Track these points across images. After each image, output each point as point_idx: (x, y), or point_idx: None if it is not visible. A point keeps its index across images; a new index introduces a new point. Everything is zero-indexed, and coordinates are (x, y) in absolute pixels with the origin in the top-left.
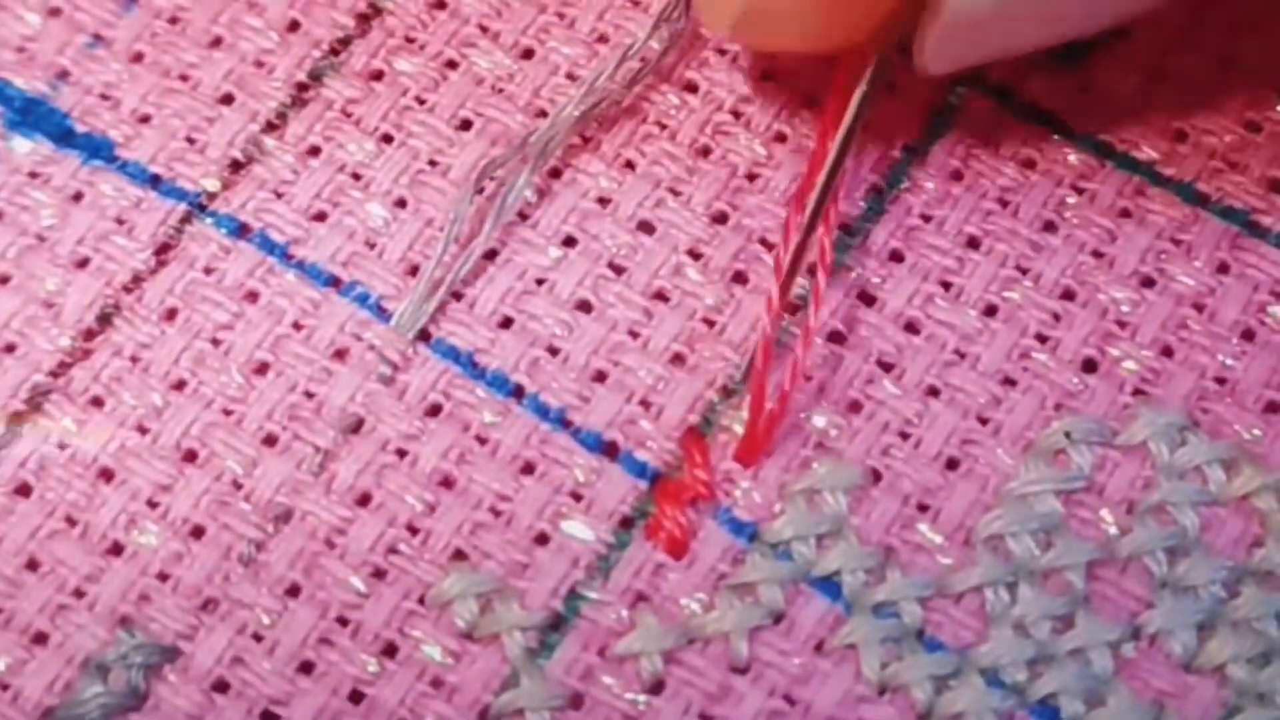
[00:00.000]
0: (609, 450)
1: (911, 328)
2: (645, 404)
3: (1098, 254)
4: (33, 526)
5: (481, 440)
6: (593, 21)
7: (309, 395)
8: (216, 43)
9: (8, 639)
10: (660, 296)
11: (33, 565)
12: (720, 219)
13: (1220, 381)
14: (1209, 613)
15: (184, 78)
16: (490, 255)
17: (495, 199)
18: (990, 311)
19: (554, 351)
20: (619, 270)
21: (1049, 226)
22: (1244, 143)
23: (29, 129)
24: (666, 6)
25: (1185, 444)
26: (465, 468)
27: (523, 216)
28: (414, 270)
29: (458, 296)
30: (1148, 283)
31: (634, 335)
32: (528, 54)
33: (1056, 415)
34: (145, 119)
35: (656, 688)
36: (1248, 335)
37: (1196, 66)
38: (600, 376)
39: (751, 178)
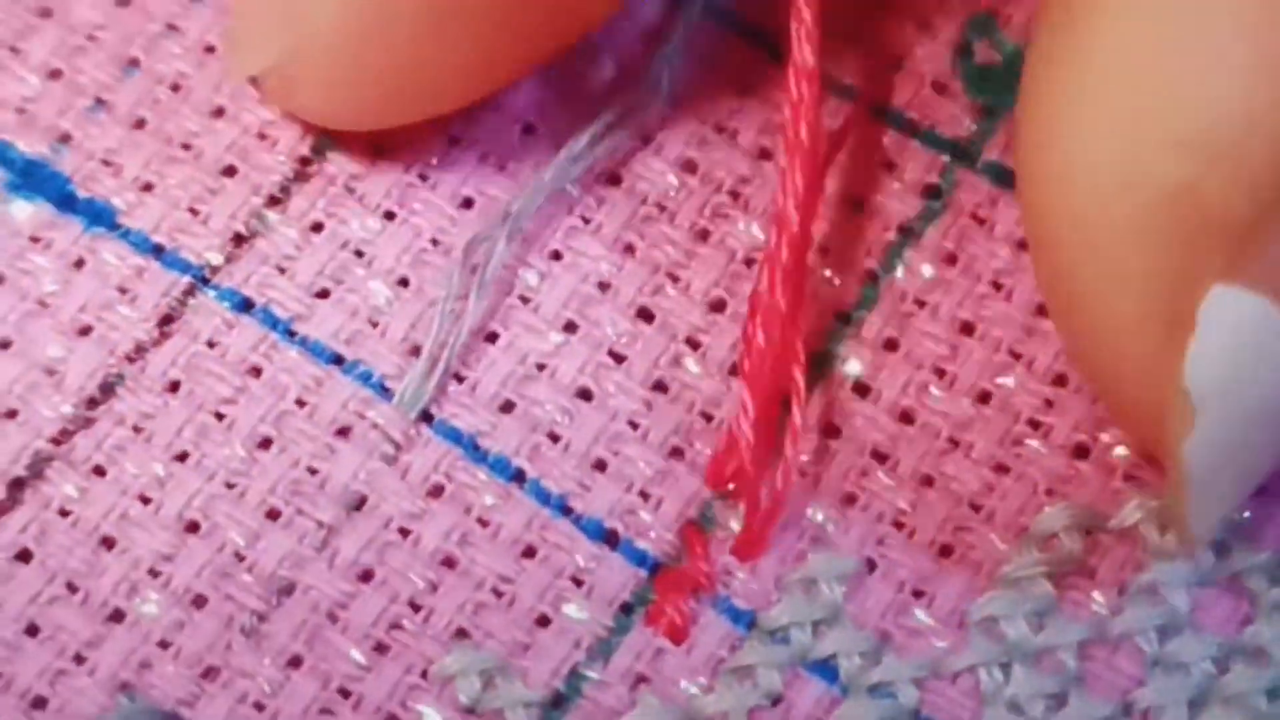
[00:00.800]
0: (609, 539)
1: (906, 417)
2: (645, 495)
3: None
4: (33, 592)
5: (483, 523)
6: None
7: (312, 471)
8: (219, 113)
9: (7, 704)
10: (659, 387)
11: (32, 631)
12: (719, 307)
13: None
14: (1200, 689)
15: (186, 146)
16: (492, 338)
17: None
18: (984, 398)
19: (555, 438)
20: (619, 359)
21: (1042, 310)
22: None
23: (30, 192)
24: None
25: None
26: (467, 549)
27: (524, 300)
28: (416, 350)
29: (460, 379)
30: None
31: (634, 426)
32: (528, 129)
33: (1049, 500)
34: (148, 187)
35: None
36: None
37: None
38: (601, 465)
39: (749, 263)
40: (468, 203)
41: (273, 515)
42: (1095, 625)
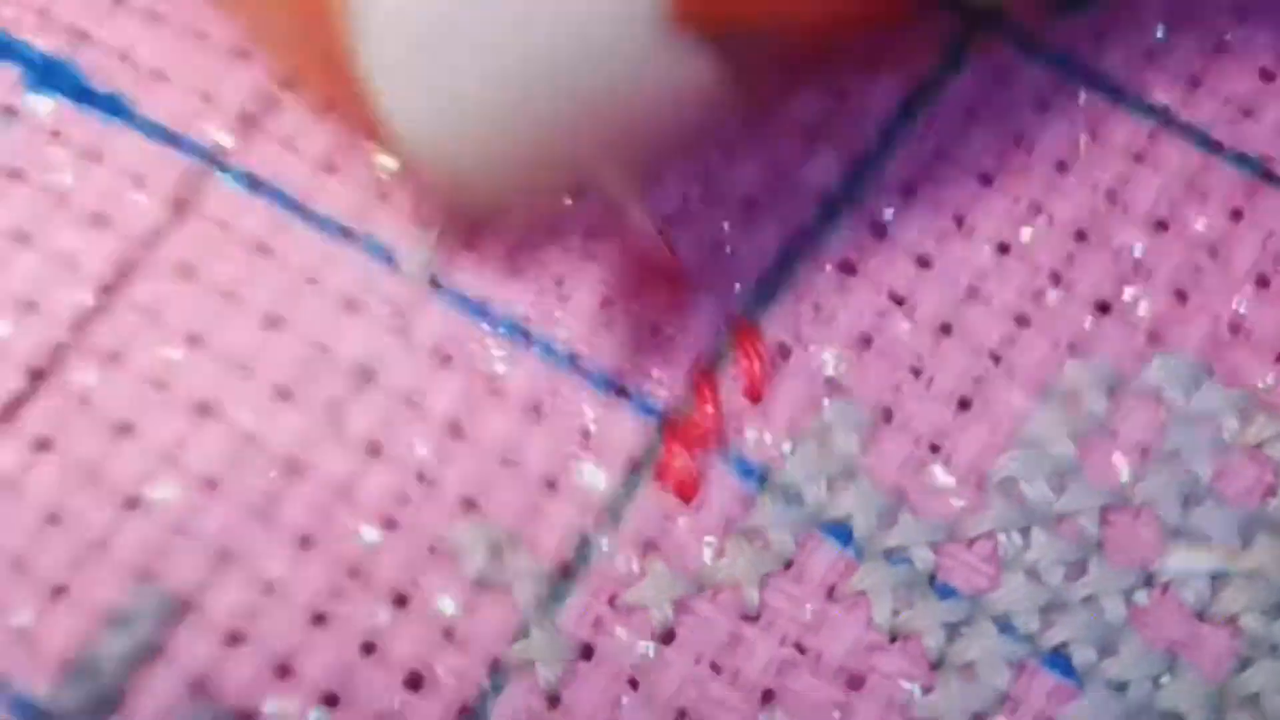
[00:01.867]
0: (619, 391)
1: (923, 263)
2: (655, 337)
3: (1111, 196)
4: (53, 481)
5: (491, 387)
6: None
7: (322, 348)
8: None
9: (29, 591)
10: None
11: (54, 520)
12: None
13: (1234, 329)
14: (1222, 562)
15: (200, 35)
16: None
17: None
18: (1003, 249)
19: (564, 297)
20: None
21: (1062, 167)
22: (1259, 91)
23: (49, 89)
24: None
25: (1199, 390)
26: (475, 415)
27: None
28: (425, 220)
29: (468, 245)
30: (1161, 226)
31: None
32: None
33: (1070, 357)
34: (161, 76)
35: (667, 637)
36: (1262, 282)
37: (1212, 13)
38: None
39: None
40: None
41: (283, 395)
42: (1117, 491)
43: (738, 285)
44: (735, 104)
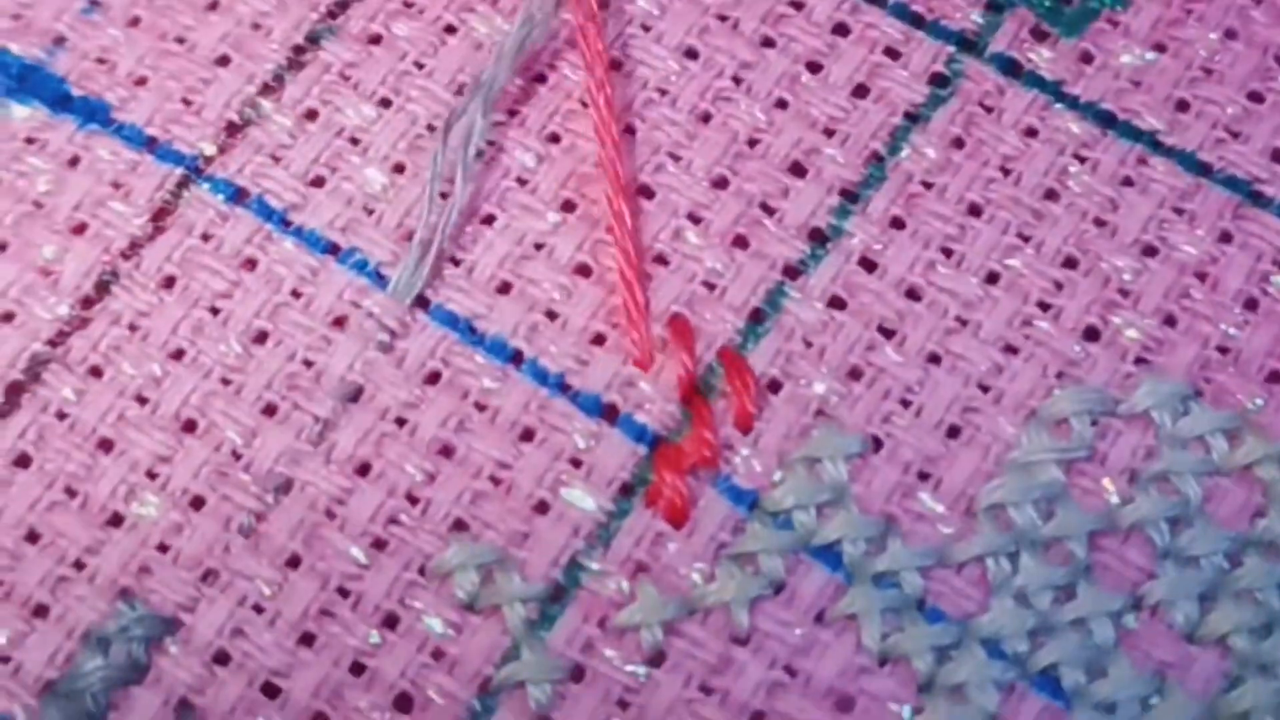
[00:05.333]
0: (608, 414)
1: (913, 294)
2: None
3: (1100, 222)
4: (32, 498)
5: (480, 407)
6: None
7: (308, 364)
8: (213, 6)
9: (8, 611)
10: (660, 260)
11: (32, 537)
12: (720, 183)
13: (1223, 351)
14: (1211, 583)
15: (180, 40)
16: (489, 220)
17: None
18: (992, 279)
19: (552, 316)
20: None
21: (1051, 195)
22: (1247, 113)
23: (25, 95)
24: None
25: (1188, 413)
26: (465, 435)
27: (521, 181)
28: (412, 237)
29: (456, 262)
30: (1150, 251)
31: None
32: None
33: (1058, 384)
34: (141, 81)
35: (657, 659)
36: (1251, 305)
37: (1199, 36)
38: (599, 340)
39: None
40: (463, 90)
41: (269, 411)
42: (1105, 514)
43: (728, 318)
44: None
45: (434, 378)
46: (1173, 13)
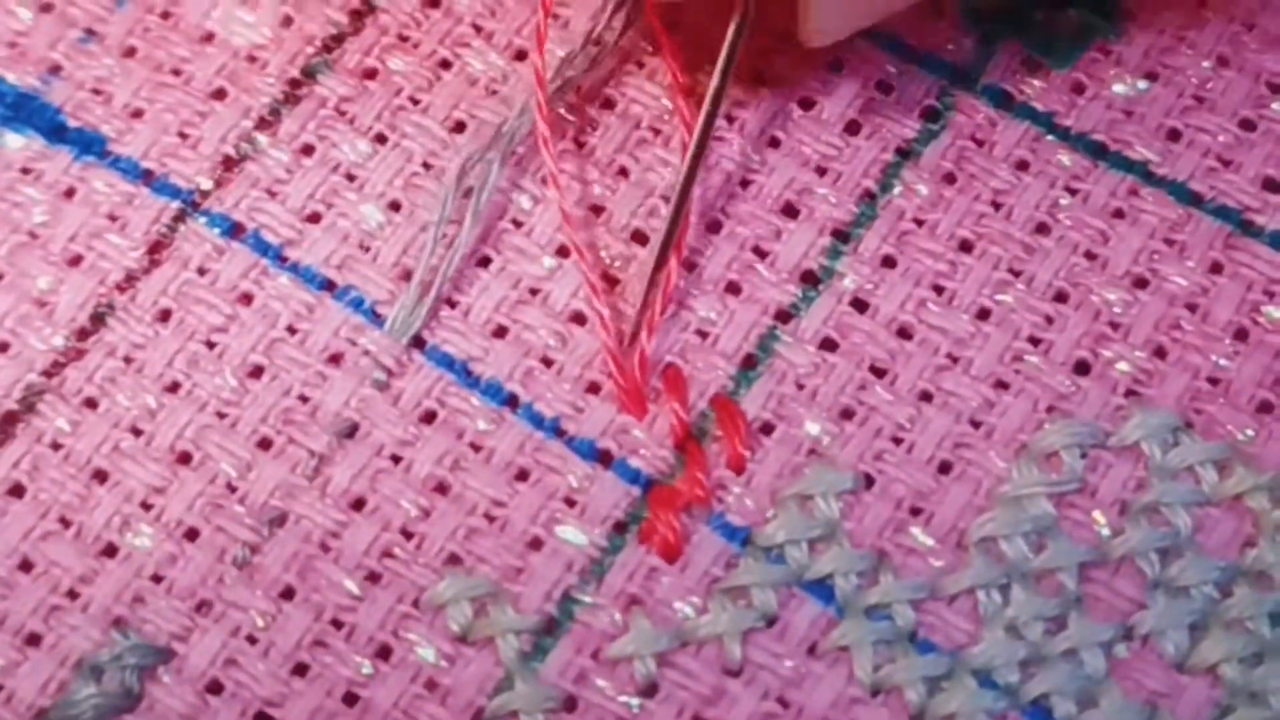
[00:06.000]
0: (603, 458)
1: (904, 333)
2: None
3: (1090, 255)
4: (26, 527)
5: (475, 447)
6: (586, 22)
7: (303, 399)
8: (209, 38)
9: (1, 640)
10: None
11: (26, 566)
12: (714, 228)
13: (1213, 382)
14: (1202, 613)
15: (176, 72)
16: (484, 263)
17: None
18: (983, 315)
19: (548, 363)
20: (613, 282)
21: (1042, 228)
22: (1238, 141)
23: (20, 124)
24: None
25: (1178, 445)
26: (459, 474)
27: (516, 224)
28: (408, 275)
29: (452, 304)
30: (1141, 283)
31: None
32: (521, 55)
33: (1049, 418)
34: (138, 114)
35: (650, 691)
36: (1241, 335)
37: (1191, 64)
38: (594, 388)
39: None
40: (459, 126)
41: (264, 445)
42: (1096, 546)
43: (721, 366)
44: None
45: (429, 417)
46: (1165, 40)
